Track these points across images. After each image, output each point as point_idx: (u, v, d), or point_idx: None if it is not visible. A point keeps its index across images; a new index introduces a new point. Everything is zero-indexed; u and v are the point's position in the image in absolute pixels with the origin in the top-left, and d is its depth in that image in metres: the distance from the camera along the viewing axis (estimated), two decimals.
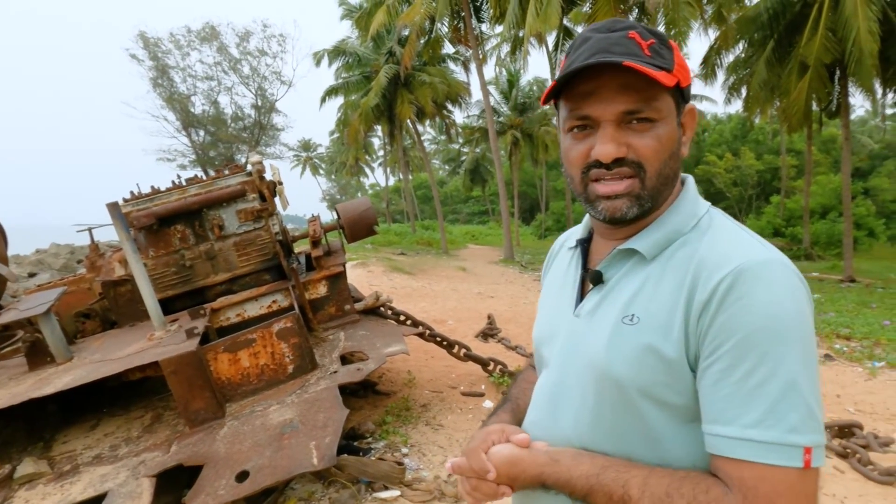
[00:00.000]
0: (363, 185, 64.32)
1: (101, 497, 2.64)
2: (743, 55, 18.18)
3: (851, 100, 17.50)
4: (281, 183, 4.07)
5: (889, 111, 20.83)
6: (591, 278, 0.89)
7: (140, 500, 2.58)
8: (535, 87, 35.04)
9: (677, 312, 0.75)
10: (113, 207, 3.18)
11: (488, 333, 6.54)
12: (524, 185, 47.30)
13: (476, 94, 25.34)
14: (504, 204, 21.47)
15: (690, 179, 0.90)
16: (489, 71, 27.41)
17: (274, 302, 3.89)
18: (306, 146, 57.21)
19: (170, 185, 3.91)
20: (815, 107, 17.36)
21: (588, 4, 15.46)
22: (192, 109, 25.38)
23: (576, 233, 1.03)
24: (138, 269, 3.22)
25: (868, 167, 40.63)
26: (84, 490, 2.72)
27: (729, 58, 18.31)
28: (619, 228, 0.87)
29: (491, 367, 4.74)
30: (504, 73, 30.88)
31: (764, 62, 16.73)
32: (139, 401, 3.61)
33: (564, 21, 18.59)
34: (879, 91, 16.80)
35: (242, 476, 2.63)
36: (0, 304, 3.92)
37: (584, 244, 0.97)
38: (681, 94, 0.82)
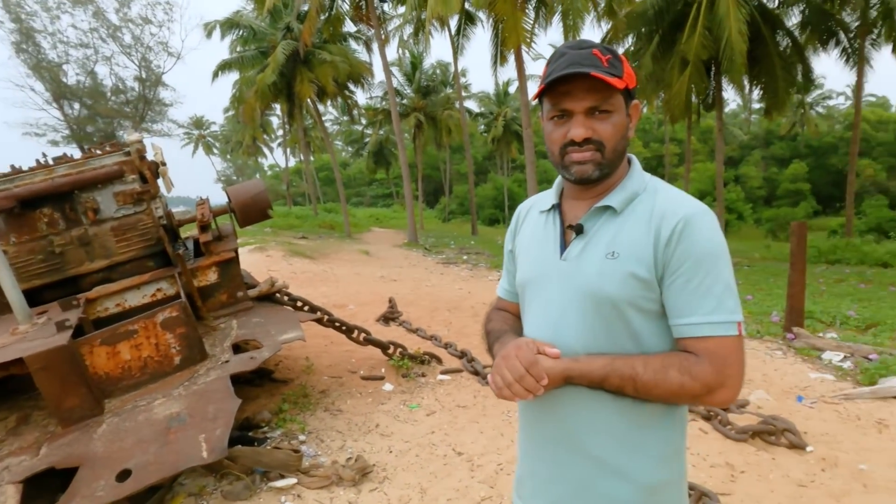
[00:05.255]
0: (261, 166, 61.62)
1: None
2: (632, 48, 19.22)
3: (725, 94, 19.09)
4: (164, 164, 3.82)
5: (755, 105, 23.09)
6: (575, 230, 1.18)
7: None
8: (437, 71, 35.06)
9: (648, 247, 1.08)
10: None
11: (389, 317, 6.56)
12: (428, 169, 47.42)
13: (379, 74, 24.75)
14: (408, 187, 21.46)
15: (635, 157, 1.24)
16: (392, 52, 27.02)
17: (159, 290, 3.67)
18: (198, 123, 53.76)
19: (34, 164, 3.56)
20: (694, 99, 18.78)
21: None
22: (65, 79, 22.99)
23: (543, 199, 1.31)
24: None
25: (739, 156, 44.72)
26: None
27: (620, 50, 19.31)
28: (588, 189, 1.18)
29: (391, 351, 4.77)
30: (407, 54, 30.66)
31: (650, 56, 17.81)
32: (2, 402, 3.29)
33: (466, 5, 18.74)
34: (747, 87, 18.50)
35: (124, 475, 2.49)
36: None
37: (558, 207, 1.25)
38: (628, 94, 1.13)
